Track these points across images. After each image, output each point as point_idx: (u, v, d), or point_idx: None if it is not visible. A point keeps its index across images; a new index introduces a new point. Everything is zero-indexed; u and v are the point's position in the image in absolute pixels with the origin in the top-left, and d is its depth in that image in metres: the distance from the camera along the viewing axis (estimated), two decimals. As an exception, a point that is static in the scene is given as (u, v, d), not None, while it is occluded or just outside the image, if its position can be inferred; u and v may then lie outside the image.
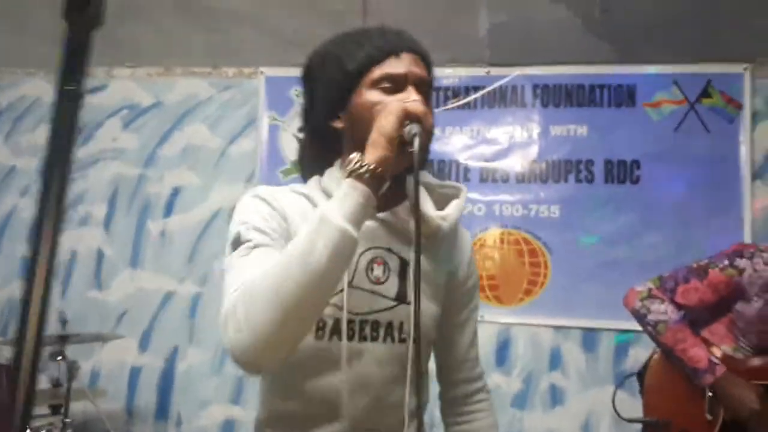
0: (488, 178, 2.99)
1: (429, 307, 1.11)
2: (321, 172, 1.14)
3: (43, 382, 2.64)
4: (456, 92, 3.07)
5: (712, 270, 1.87)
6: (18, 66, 3.48)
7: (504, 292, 2.89)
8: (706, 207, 2.76)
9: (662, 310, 1.86)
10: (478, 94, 3.05)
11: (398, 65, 1.05)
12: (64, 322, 2.59)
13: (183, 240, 3.25)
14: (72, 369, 2.48)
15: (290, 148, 3.19)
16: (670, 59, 2.85)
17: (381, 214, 1.09)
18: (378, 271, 1.08)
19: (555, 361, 2.81)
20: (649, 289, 1.92)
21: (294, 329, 0.92)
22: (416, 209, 0.93)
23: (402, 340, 1.08)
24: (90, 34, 0.49)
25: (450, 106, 3.07)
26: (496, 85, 3.03)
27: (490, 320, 2.88)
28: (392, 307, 1.07)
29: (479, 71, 3.06)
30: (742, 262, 1.85)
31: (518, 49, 2.89)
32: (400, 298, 1.08)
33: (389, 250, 1.09)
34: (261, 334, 0.88)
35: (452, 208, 1.10)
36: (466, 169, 3.02)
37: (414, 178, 0.91)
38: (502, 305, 2.88)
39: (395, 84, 1.05)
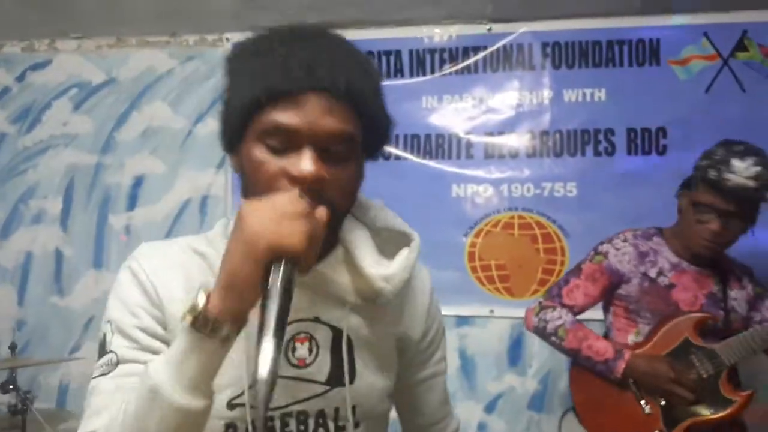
0: (494, 154, 2.83)
1: (375, 383, 1.00)
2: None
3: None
4: (453, 54, 2.88)
5: (584, 264, 2.11)
6: (-54, 43, 3.25)
7: (516, 284, 2.77)
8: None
9: (557, 316, 2.05)
10: (480, 56, 2.86)
11: (293, 113, 0.84)
12: (13, 348, 2.45)
13: (150, 235, 3.10)
14: (25, 400, 2.34)
15: (266, 126, 2.99)
16: (699, 7, 2.67)
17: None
18: (302, 350, 0.95)
19: (576, 358, 2.70)
20: (539, 303, 2.11)
21: None
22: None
23: (339, 428, 0.97)
24: None
25: (447, 70, 2.88)
26: (500, 44, 2.84)
27: (501, 315, 2.77)
28: (324, 393, 0.95)
29: (480, 29, 2.86)
30: (603, 247, 2.10)
31: (524, 1, 2.68)
32: (334, 379, 0.95)
33: (316, 320, 0.95)
34: None
35: (398, 266, 0.94)
36: (469, 144, 2.85)
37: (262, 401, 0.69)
38: (513, 298, 2.76)
39: (285, 140, 0.84)
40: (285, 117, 0.83)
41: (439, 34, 2.89)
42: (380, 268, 0.93)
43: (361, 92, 0.87)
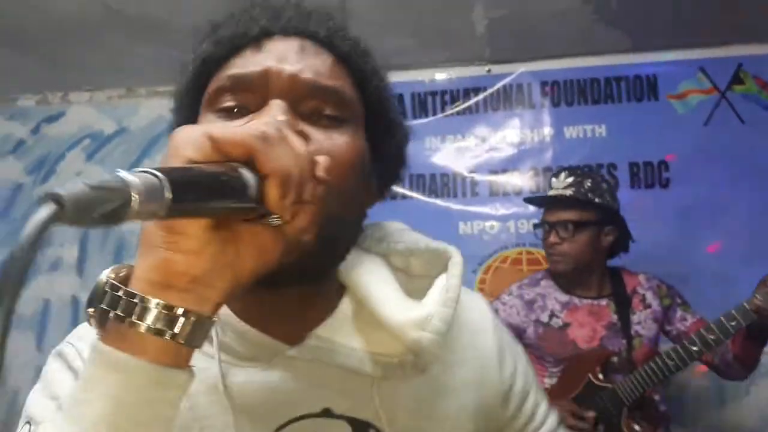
0: (499, 191, 2.86)
1: None
2: None
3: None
4: (454, 96, 2.93)
5: None
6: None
7: (526, 319, 2.75)
8: (747, 208, 2.63)
9: None
10: (480, 97, 2.90)
11: (250, 59, 0.61)
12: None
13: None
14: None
15: (274, 170, 3.04)
16: (694, 43, 2.71)
17: (292, 350, 0.62)
18: None
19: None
20: None
21: None
22: None
23: None
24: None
25: (448, 112, 2.92)
26: (499, 84, 2.88)
27: (513, 351, 2.74)
28: None
29: (479, 71, 2.91)
30: (493, 305, 2.11)
31: (522, 43, 2.74)
32: None
33: (327, 413, 0.63)
34: None
35: (435, 301, 0.65)
36: (473, 183, 2.88)
37: None
38: (524, 334, 2.74)
39: (243, 96, 0.59)
40: (239, 66, 0.61)
41: (439, 77, 2.93)
42: (409, 311, 0.64)
43: (349, 43, 0.65)
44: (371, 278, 0.67)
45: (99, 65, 3.00)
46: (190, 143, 0.45)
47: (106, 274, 0.48)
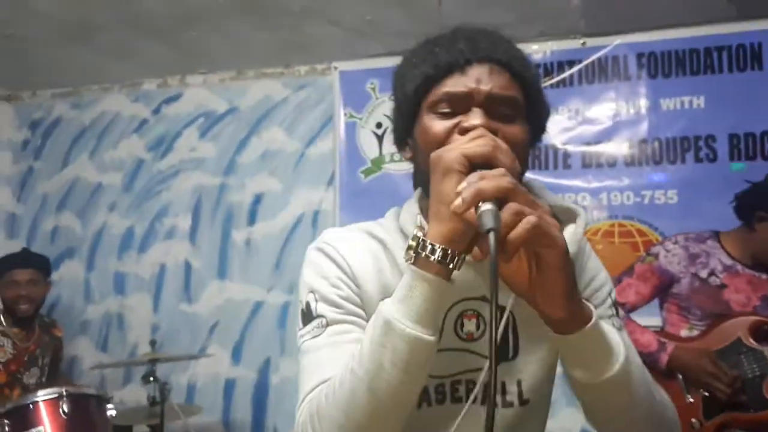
0: (592, 163, 2.80)
1: (539, 365, 1.00)
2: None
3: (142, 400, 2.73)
4: (549, 69, 2.89)
5: (637, 265, 2.17)
6: (94, 83, 3.60)
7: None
8: None
9: None
10: (575, 69, 2.86)
11: (460, 82, 0.91)
12: (153, 343, 2.67)
13: (268, 248, 3.29)
14: (164, 390, 2.54)
15: (369, 145, 3.14)
16: (803, 8, 2.52)
17: (476, 264, 0.94)
18: (470, 325, 0.97)
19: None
20: None
21: None
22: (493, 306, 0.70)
23: (507, 404, 0.99)
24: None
25: (543, 85, 2.86)
26: (595, 57, 2.83)
27: (603, 322, 2.69)
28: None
29: (574, 43, 2.86)
30: (655, 249, 2.16)
31: (617, 14, 2.66)
32: (499, 354, 0.97)
33: (483, 298, 0.96)
34: None
35: (568, 239, 0.91)
36: (566, 155, 2.84)
37: (491, 287, 0.68)
38: (615, 305, 2.68)
39: (455, 106, 0.91)
40: (452, 86, 0.90)
41: (534, 51, 2.90)
42: None
43: (520, 63, 0.93)
44: None
45: (212, 49, 3.17)
46: (456, 162, 0.77)
47: (416, 232, 0.81)
